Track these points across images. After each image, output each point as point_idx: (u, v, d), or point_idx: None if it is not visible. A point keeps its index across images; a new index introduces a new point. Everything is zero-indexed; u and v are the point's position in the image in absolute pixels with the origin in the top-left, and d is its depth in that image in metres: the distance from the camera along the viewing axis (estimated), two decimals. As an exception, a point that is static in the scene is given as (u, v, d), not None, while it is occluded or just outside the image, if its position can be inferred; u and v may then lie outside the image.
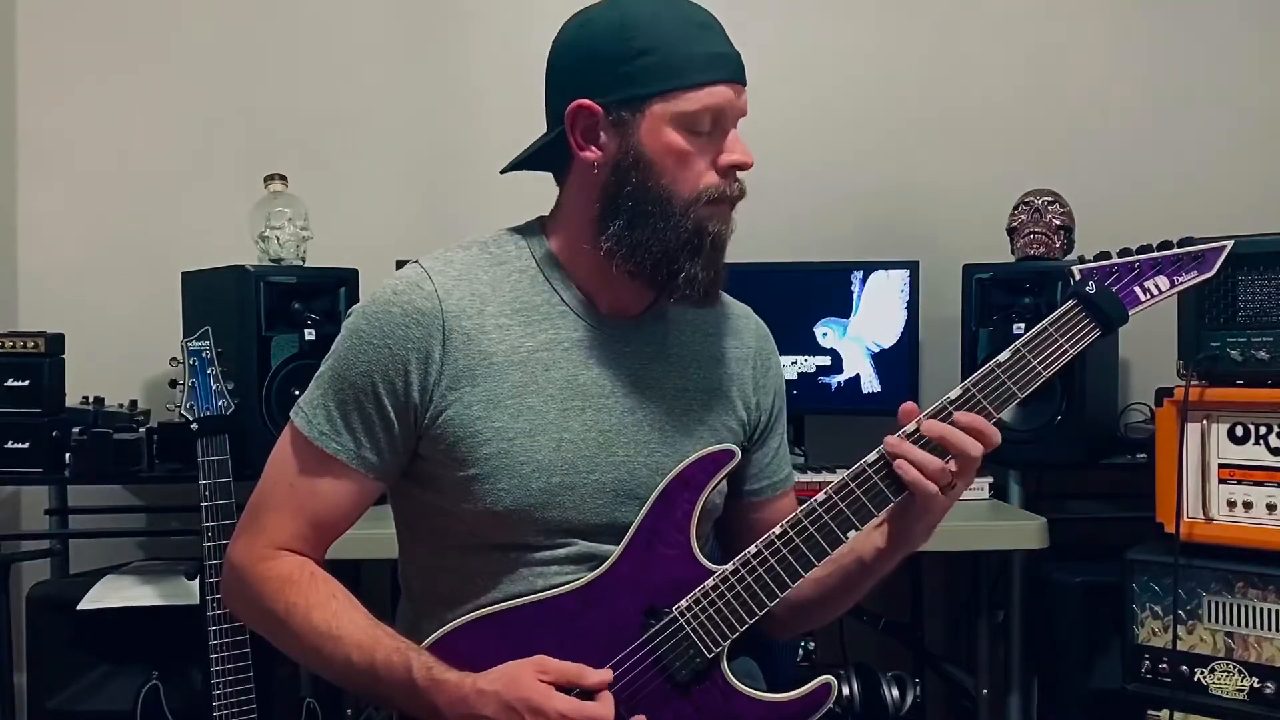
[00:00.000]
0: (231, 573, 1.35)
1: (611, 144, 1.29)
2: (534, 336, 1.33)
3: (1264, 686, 2.02)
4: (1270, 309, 2.10)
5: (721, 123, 1.29)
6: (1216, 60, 2.98)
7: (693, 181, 1.29)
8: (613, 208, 1.29)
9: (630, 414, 1.35)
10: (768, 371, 1.49)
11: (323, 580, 1.32)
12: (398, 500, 1.41)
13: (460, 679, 1.22)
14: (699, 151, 1.28)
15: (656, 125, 1.27)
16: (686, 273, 1.30)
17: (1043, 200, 2.68)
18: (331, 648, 1.27)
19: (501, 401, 1.30)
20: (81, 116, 2.95)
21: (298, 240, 2.69)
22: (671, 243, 1.29)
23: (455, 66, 2.99)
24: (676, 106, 1.26)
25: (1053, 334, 1.32)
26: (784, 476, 1.51)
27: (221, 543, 2.14)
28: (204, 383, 2.24)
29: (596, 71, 1.28)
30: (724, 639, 1.28)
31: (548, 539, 1.32)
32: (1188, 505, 2.12)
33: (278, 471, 1.34)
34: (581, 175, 1.32)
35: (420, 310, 1.29)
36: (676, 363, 1.40)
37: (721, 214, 1.32)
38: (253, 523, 1.35)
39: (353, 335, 1.31)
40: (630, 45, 1.26)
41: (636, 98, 1.26)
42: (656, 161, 1.27)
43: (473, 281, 1.33)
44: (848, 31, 3.01)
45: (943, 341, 2.79)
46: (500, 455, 1.29)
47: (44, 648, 2.47)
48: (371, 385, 1.29)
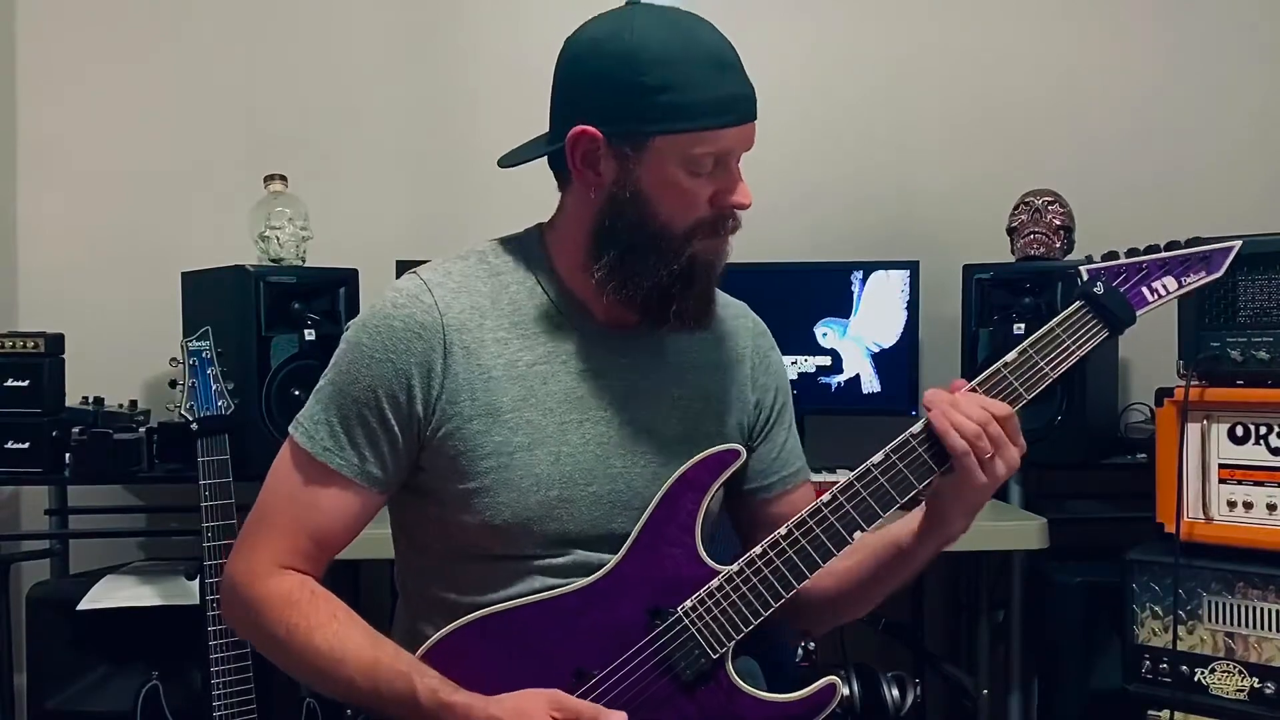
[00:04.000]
0: (231, 591, 1.33)
1: (610, 173, 1.27)
2: (532, 350, 1.32)
3: (1264, 686, 2.02)
4: (1270, 309, 2.10)
5: (725, 161, 1.28)
6: (1217, 60, 2.98)
7: (688, 217, 1.28)
8: (606, 237, 1.29)
9: (628, 425, 1.34)
10: (767, 369, 1.48)
11: (324, 599, 1.30)
12: (395, 509, 1.40)
13: (469, 702, 1.21)
14: (699, 188, 1.27)
15: (660, 162, 1.25)
16: (678, 306, 1.30)
17: (1043, 200, 2.68)
18: (335, 670, 1.25)
19: (501, 415, 1.29)
20: (82, 117, 2.95)
21: (298, 240, 2.69)
22: (664, 278, 1.28)
23: (455, 66, 2.99)
24: (684, 148, 1.24)
25: (1060, 335, 1.30)
26: (795, 470, 1.49)
27: (221, 543, 2.15)
28: (204, 383, 2.24)
29: (604, 98, 1.25)
30: (729, 639, 1.27)
31: (545, 549, 1.31)
32: (1188, 505, 2.12)
33: (278, 487, 1.32)
34: (579, 194, 1.32)
35: (422, 324, 1.29)
36: (674, 370, 1.39)
37: (715, 247, 1.31)
38: (252, 539, 1.33)
39: (354, 349, 1.30)
40: (642, 80, 1.23)
41: (642, 134, 1.24)
42: (654, 198, 1.26)
43: (472, 294, 1.32)
44: (848, 32, 3.01)
45: (943, 341, 2.80)
46: (500, 469, 1.29)
47: (44, 648, 2.47)
48: (375, 399, 1.28)
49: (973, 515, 1.31)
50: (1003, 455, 1.25)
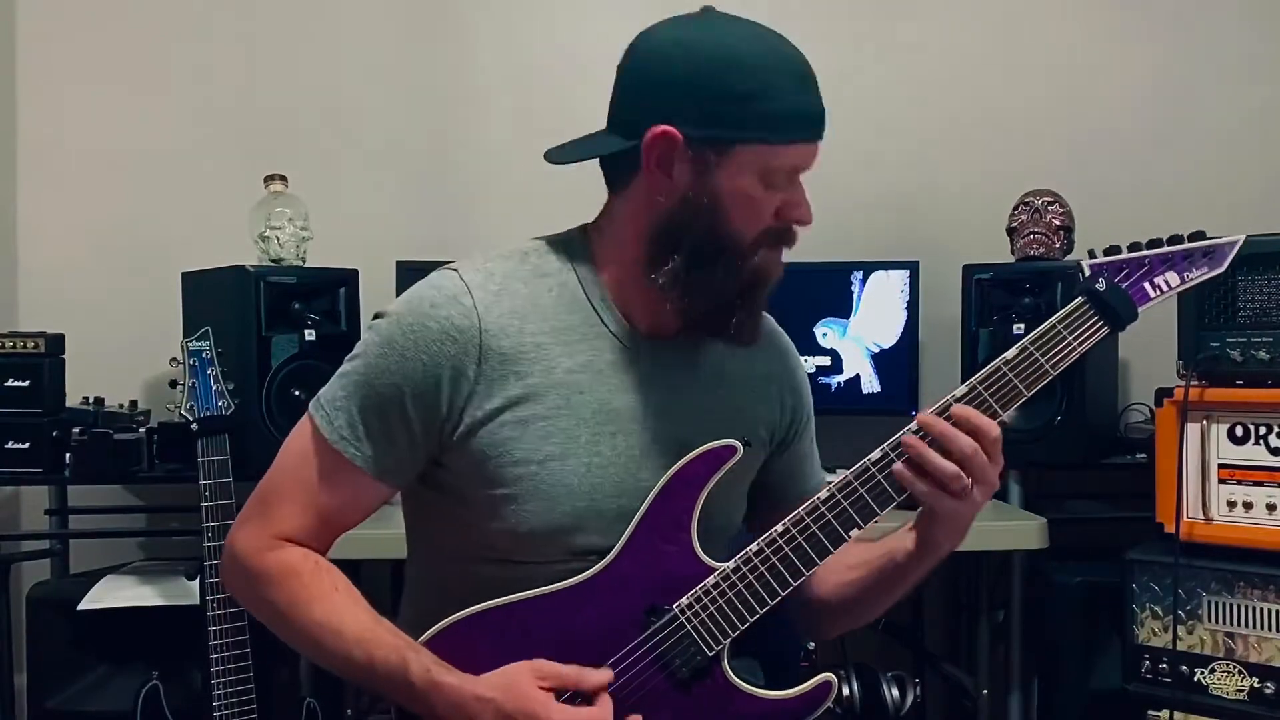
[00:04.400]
0: (234, 560, 1.34)
1: (685, 177, 1.25)
2: (571, 357, 1.31)
3: (1264, 686, 2.02)
4: (1270, 309, 2.10)
5: (794, 176, 1.29)
6: (1217, 60, 2.98)
7: (756, 227, 1.28)
8: (671, 242, 1.27)
9: (659, 440, 1.33)
10: (795, 390, 1.49)
11: (326, 572, 1.31)
12: (410, 502, 1.40)
13: (459, 683, 1.21)
14: (768, 201, 1.27)
15: (738, 171, 1.24)
16: (739, 318, 1.31)
17: (1043, 200, 2.68)
18: (332, 641, 1.26)
19: (534, 424, 1.28)
20: (82, 116, 2.95)
21: (298, 240, 2.69)
22: (730, 290, 1.28)
23: (456, 67, 2.99)
24: (764, 159, 1.24)
25: (1061, 331, 1.29)
26: (813, 485, 1.49)
27: (221, 543, 2.13)
28: (204, 383, 2.24)
29: (691, 101, 1.23)
30: (725, 637, 1.27)
31: (566, 558, 1.30)
32: (1188, 505, 2.12)
33: (291, 463, 1.32)
34: (643, 196, 1.29)
35: (459, 328, 1.27)
36: (705, 381, 1.39)
37: (775, 260, 1.31)
38: (260, 511, 1.33)
39: (386, 344, 1.28)
40: (734, 86, 1.22)
41: (727, 140, 1.23)
42: (727, 206, 1.25)
43: (513, 297, 1.30)
44: (848, 33, 3.01)
45: (943, 342, 2.79)
46: (530, 477, 1.28)
47: (44, 648, 2.47)
48: (399, 396, 1.27)
49: (961, 535, 1.32)
50: (982, 484, 1.25)
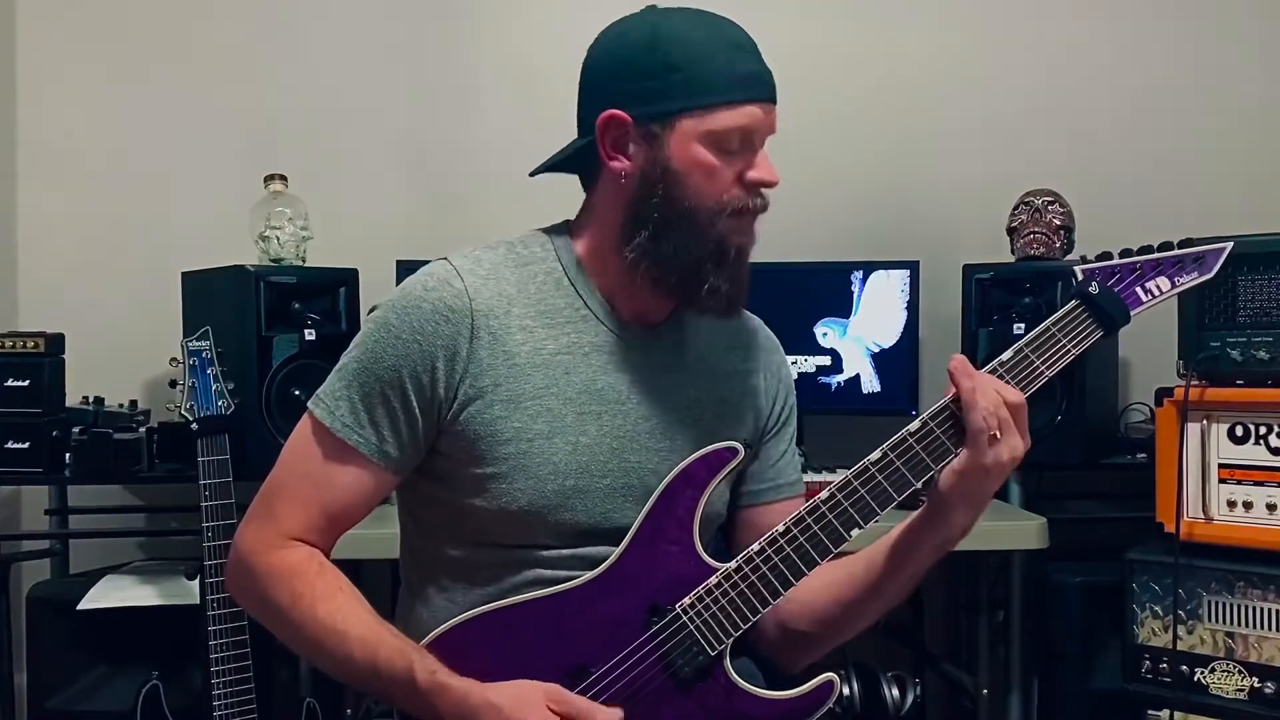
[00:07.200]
0: (239, 561, 1.35)
1: (640, 155, 1.31)
2: (556, 339, 1.34)
3: (1264, 686, 2.02)
4: (1270, 309, 2.10)
5: (750, 141, 1.31)
6: (1216, 60, 2.98)
7: (717, 195, 1.31)
8: (639, 218, 1.32)
9: (644, 420, 1.36)
10: (779, 385, 1.51)
11: (330, 573, 1.32)
12: (406, 492, 1.41)
13: (468, 687, 1.22)
14: (726, 166, 1.30)
15: (685, 140, 1.29)
16: (710, 284, 1.32)
17: (1043, 200, 2.68)
18: (334, 642, 1.27)
19: (522, 402, 1.31)
20: (82, 116, 2.95)
21: (298, 240, 2.69)
22: (696, 255, 1.31)
23: (455, 66, 2.99)
24: (706, 124, 1.28)
25: (1055, 334, 1.32)
26: (789, 481, 1.51)
27: (221, 543, 2.14)
28: (204, 383, 2.24)
29: (629, 83, 1.30)
30: (727, 636, 1.28)
31: (556, 540, 1.32)
32: (1188, 505, 2.12)
33: (294, 461, 1.34)
34: (609, 184, 1.34)
35: (451, 308, 1.30)
36: (692, 374, 1.41)
37: (744, 227, 1.34)
38: (265, 511, 1.34)
39: (381, 329, 1.31)
40: (663, 60, 1.28)
41: (667, 112, 1.28)
42: (683, 175, 1.29)
43: (500, 282, 1.34)
44: (848, 33, 3.01)
45: (943, 341, 2.79)
46: (519, 455, 1.30)
47: (44, 648, 2.46)
48: (399, 379, 1.30)
49: (976, 508, 1.30)
50: (1008, 440, 1.25)
